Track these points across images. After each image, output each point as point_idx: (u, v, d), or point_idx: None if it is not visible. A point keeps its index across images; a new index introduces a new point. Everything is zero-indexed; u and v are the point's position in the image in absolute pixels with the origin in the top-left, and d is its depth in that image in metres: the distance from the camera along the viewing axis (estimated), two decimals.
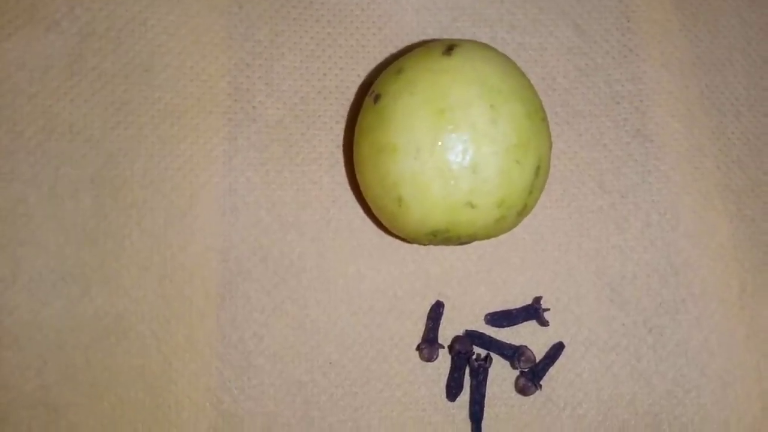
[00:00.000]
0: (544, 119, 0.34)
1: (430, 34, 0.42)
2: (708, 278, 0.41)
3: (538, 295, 0.40)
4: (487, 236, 0.35)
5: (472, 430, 0.38)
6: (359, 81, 0.41)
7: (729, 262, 0.41)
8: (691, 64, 0.43)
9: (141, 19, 0.41)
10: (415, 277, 0.40)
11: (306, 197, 0.40)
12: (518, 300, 0.40)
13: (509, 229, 0.35)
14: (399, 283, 0.40)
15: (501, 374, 0.39)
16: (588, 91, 0.43)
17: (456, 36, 0.42)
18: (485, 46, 0.34)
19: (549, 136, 0.34)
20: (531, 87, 0.34)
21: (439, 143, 0.31)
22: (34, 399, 0.37)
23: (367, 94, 0.36)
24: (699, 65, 0.43)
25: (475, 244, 0.40)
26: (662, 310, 0.40)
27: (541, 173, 0.33)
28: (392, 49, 0.42)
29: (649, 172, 0.42)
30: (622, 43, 0.43)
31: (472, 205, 0.32)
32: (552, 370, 0.39)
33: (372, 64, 0.42)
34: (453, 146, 0.31)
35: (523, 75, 0.34)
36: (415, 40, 0.42)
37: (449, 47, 0.34)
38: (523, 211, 0.34)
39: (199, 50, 0.41)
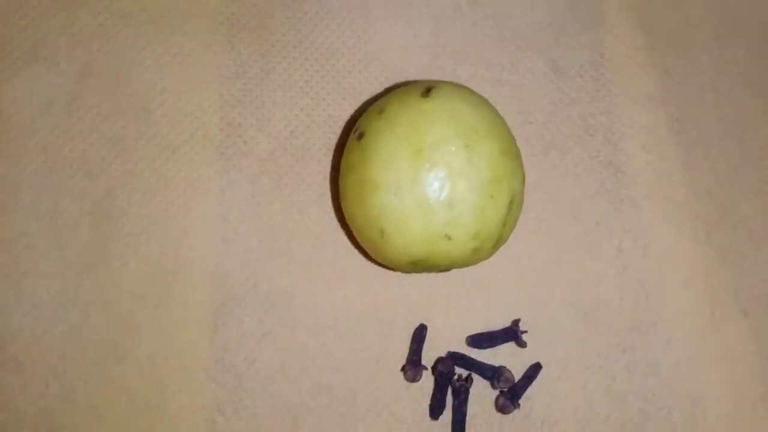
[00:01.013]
0: (518, 155, 0.36)
1: (413, 73, 0.44)
2: (678, 302, 0.42)
3: (516, 317, 0.41)
4: (465, 265, 0.37)
5: None
6: (346, 116, 0.43)
7: (699, 286, 0.43)
8: (661, 98, 0.45)
9: (137, 60, 0.43)
10: (399, 302, 0.41)
11: (295, 227, 0.42)
12: (498, 323, 0.41)
13: (485, 258, 0.37)
14: (384, 307, 0.41)
15: (482, 394, 0.40)
16: (562, 125, 0.44)
17: (437, 73, 0.44)
18: (461, 88, 0.36)
19: (522, 171, 0.36)
20: (505, 125, 0.36)
21: (418, 181, 0.33)
22: (37, 421, 0.38)
23: (352, 131, 0.38)
24: (670, 99, 0.45)
25: (456, 270, 0.41)
26: (635, 332, 0.42)
27: (514, 207, 0.35)
28: (377, 87, 0.44)
29: (621, 201, 0.44)
30: (595, 78, 0.45)
31: (449, 237, 0.34)
32: (530, 390, 0.40)
33: (358, 101, 0.43)
34: (430, 183, 0.33)
35: (497, 114, 0.36)
36: (399, 77, 0.44)
37: (427, 89, 0.36)
38: (498, 243, 0.36)
39: (193, 88, 0.42)
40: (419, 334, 0.41)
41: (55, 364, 0.39)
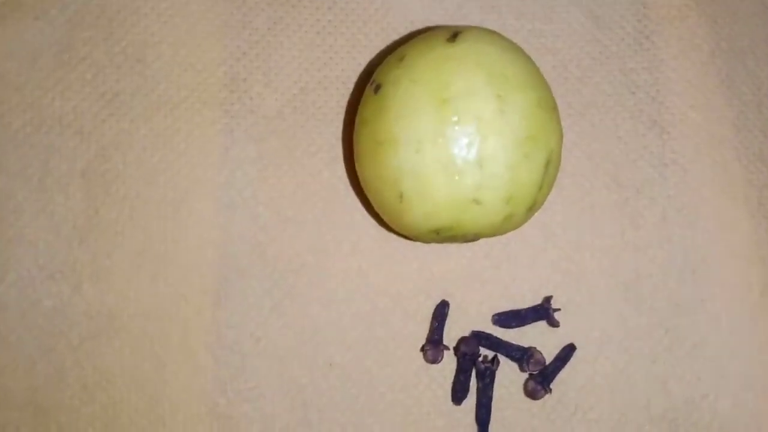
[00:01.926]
0: (555, 109, 0.32)
1: (435, 21, 0.40)
2: (727, 277, 0.39)
3: (548, 294, 0.39)
4: (494, 234, 0.33)
5: None
6: (360, 71, 0.40)
7: (750, 259, 0.39)
8: (710, 52, 0.41)
9: (133, 7, 0.39)
10: (418, 275, 0.38)
11: (305, 192, 0.39)
12: (527, 299, 0.38)
13: (517, 226, 0.33)
14: (402, 281, 0.38)
15: (509, 377, 0.38)
16: (602, 81, 0.41)
17: (462, 23, 0.40)
18: (492, 33, 0.33)
19: (560, 127, 0.32)
20: (540, 75, 0.32)
21: (443, 136, 0.30)
22: (23, 400, 0.36)
23: (368, 83, 0.34)
24: (719, 53, 0.42)
25: (482, 241, 0.38)
26: (679, 310, 0.39)
27: (551, 168, 0.32)
28: (395, 37, 0.40)
29: (665, 166, 0.40)
30: (638, 30, 0.41)
31: (477, 202, 0.30)
32: (562, 373, 0.38)
33: (374, 53, 0.40)
34: (457, 139, 0.30)
35: (531, 62, 0.32)
36: (419, 27, 0.40)
37: (454, 34, 0.32)
38: (533, 208, 0.32)
39: (194, 39, 0.39)
40: (441, 311, 0.38)
41: (44, 341, 0.36)
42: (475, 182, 0.30)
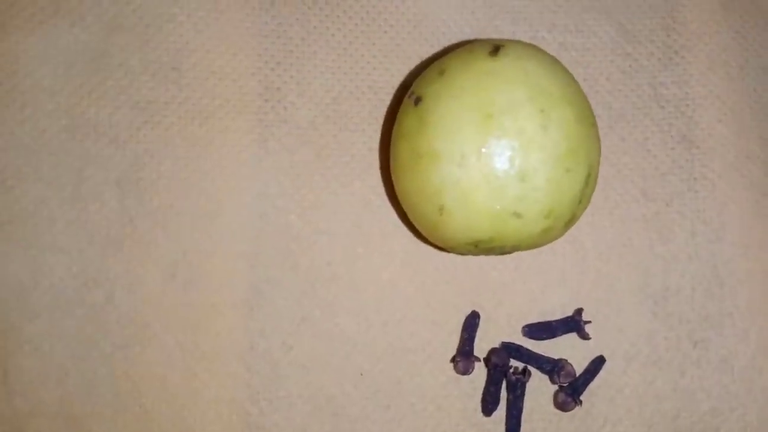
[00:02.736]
0: (594, 125, 0.32)
1: (468, 33, 0.40)
2: (756, 291, 0.39)
3: (576, 306, 0.38)
4: (531, 247, 0.33)
5: None
6: (394, 81, 0.40)
7: None
8: (739, 66, 0.41)
9: (169, 15, 0.39)
10: (449, 286, 0.38)
11: (338, 202, 0.39)
12: (556, 311, 0.38)
13: (554, 239, 0.33)
14: (433, 292, 0.38)
15: (539, 389, 0.38)
16: (631, 94, 0.41)
17: (495, 35, 0.40)
18: (533, 47, 0.33)
19: (599, 142, 0.33)
20: (581, 90, 0.32)
21: (486, 149, 0.30)
22: (55, 410, 0.36)
23: (406, 95, 0.34)
24: (748, 68, 0.42)
25: (513, 254, 0.38)
26: (707, 323, 0.39)
27: (590, 182, 0.32)
28: (428, 49, 0.40)
29: (695, 180, 0.40)
30: (667, 44, 0.41)
31: (518, 215, 0.30)
32: (592, 386, 0.38)
33: (407, 64, 0.40)
34: (500, 153, 0.30)
35: (572, 77, 0.33)
36: (452, 39, 0.40)
37: (495, 47, 0.32)
38: (571, 222, 0.32)
39: (229, 48, 0.39)
40: (471, 322, 0.38)
41: (76, 349, 0.36)
42: (517, 195, 0.30)
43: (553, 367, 0.37)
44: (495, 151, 0.30)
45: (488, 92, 0.30)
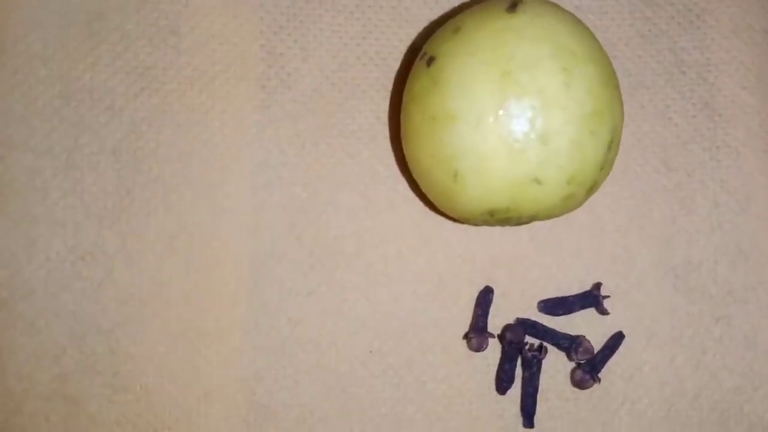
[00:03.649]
0: (617, 87, 0.31)
1: None
2: None
3: (594, 280, 0.37)
4: (550, 217, 0.32)
5: (523, 425, 0.36)
6: (403, 46, 0.38)
7: None
8: (763, 30, 0.40)
9: None
10: (462, 260, 0.37)
11: (344, 172, 0.37)
12: (574, 286, 0.37)
13: (574, 208, 0.32)
14: (445, 266, 0.37)
15: (555, 366, 0.36)
16: (651, 60, 0.39)
17: None
18: (552, 4, 0.31)
19: (622, 105, 0.31)
20: (603, 50, 0.31)
21: (504, 110, 0.28)
22: (52, 389, 0.35)
23: (418, 56, 0.33)
24: None
25: (528, 225, 0.37)
26: (731, 298, 0.37)
27: (614, 147, 0.30)
28: (439, 11, 0.38)
29: (717, 149, 0.38)
30: (688, 7, 0.40)
31: (538, 182, 0.29)
32: (610, 363, 0.36)
33: (417, 27, 0.38)
34: (520, 114, 0.28)
35: (593, 36, 0.31)
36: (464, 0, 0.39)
37: (513, 4, 0.30)
38: (592, 189, 0.31)
39: (230, 11, 0.37)
40: (485, 298, 0.37)
41: (73, 326, 0.35)
42: (538, 160, 0.28)
43: (570, 344, 0.36)
44: (514, 112, 0.28)
45: (506, 48, 0.28)
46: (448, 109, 0.29)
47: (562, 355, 0.37)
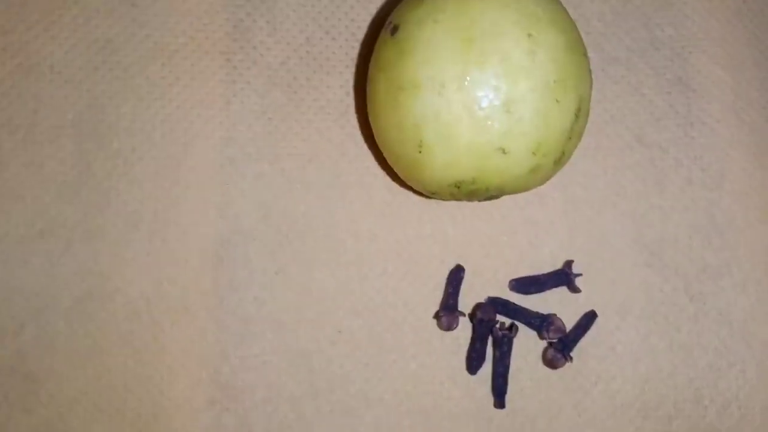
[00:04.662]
0: (585, 54, 0.30)
1: None
2: (755, 241, 0.37)
3: (568, 258, 0.37)
4: (518, 189, 0.31)
5: (494, 405, 0.36)
6: (371, 19, 0.38)
7: None
8: (737, 7, 0.40)
9: None
10: (433, 238, 0.37)
11: (312, 148, 0.37)
12: (547, 264, 0.37)
13: (543, 182, 0.31)
14: (415, 244, 0.36)
15: (527, 345, 0.36)
16: (625, 36, 0.39)
17: None
18: None
19: (590, 74, 0.30)
20: (570, 17, 0.30)
21: (468, 78, 0.28)
22: (10, 366, 0.34)
23: (383, 27, 0.32)
24: (746, 8, 0.40)
25: (499, 202, 0.36)
26: (705, 275, 0.37)
27: (581, 116, 0.30)
28: None
29: (691, 125, 0.38)
30: None
31: (504, 151, 0.28)
32: (583, 341, 0.36)
33: (385, 0, 0.38)
34: (484, 81, 0.28)
35: (561, 4, 0.30)
36: None
37: None
38: (561, 160, 0.30)
39: None
40: (455, 276, 0.36)
41: (32, 302, 0.34)
42: (502, 128, 0.28)
43: (541, 323, 0.36)
44: (477, 79, 0.27)
45: (470, 15, 0.28)
46: (412, 78, 0.29)
47: (533, 334, 0.36)
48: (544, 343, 0.36)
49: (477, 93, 0.28)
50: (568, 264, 0.37)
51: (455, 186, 0.30)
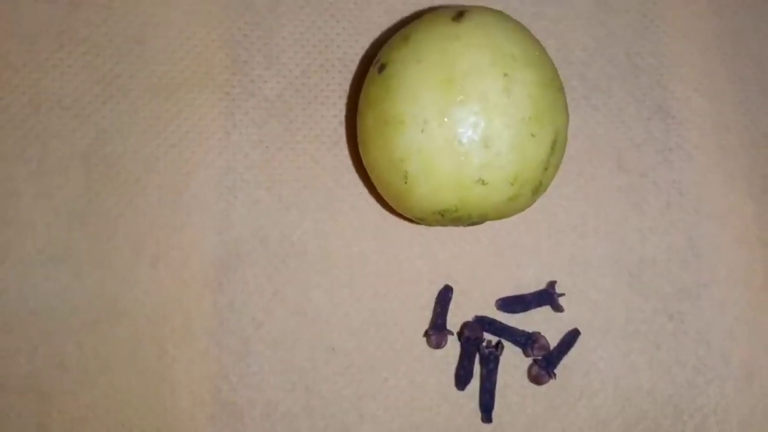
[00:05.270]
0: (561, 89, 0.32)
1: (438, 1, 0.40)
2: (732, 262, 0.39)
3: (552, 279, 0.38)
4: (499, 216, 0.33)
5: (482, 419, 0.37)
6: (363, 53, 0.39)
7: (754, 245, 0.39)
8: (714, 35, 0.41)
9: None
10: (422, 260, 0.38)
11: (307, 176, 0.38)
12: (531, 284, 0.38)
13: (523, 208, 0.33)
14: (405, 266, 0.38)
15: (513, 362, 0.37)
16: (606, 64, 0.40)
17: (467, 3, 0.40)
18: (498, 13, 0.32)
19: (566, 108, 0.32)
20: (547, 55, 0.32)
21: (448, 115, 0.29)
22: (24, 386, 0.35)
23: (372, 63, 0.34)
24: (723, 36, 0.41)
25: (485, 226, 0.38)
26: (683, 295, 0.38)
27: (557, 148, 0.31)
28: (398, 18, 0.40)
29: (670, 150, 0.40)
30: (642, 13, 0.41)
31: (483, 182, 0.30)
32: (567, 359, 0.37)
33: (376, 35, 0.39)
34: (463, 118, 0.29)
35: (537, 42, 0.32)
36: (421, 8, 0.40)
37: (459, 13, 0.31)
38: (538, 190, 0.32)
39: (195, 20, 0.39)
40: (444, 296, 0.37)
41: (44, 325, 0.36)
42: (481, 162, 0.30)
43: (526, 340, 0.37)
44: (457, 116, 0.29)
45: (450, 56, 0.30)
46: (398, 114, 0.30)
47: (519, 351, 0.37)
48: (529, 360, 0.37)
49: (457, 129, 0.29)
50: (552, 284, 0.38)
51: (440, 214, 0.32)
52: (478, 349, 0.37)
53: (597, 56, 0.40)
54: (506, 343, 0.37)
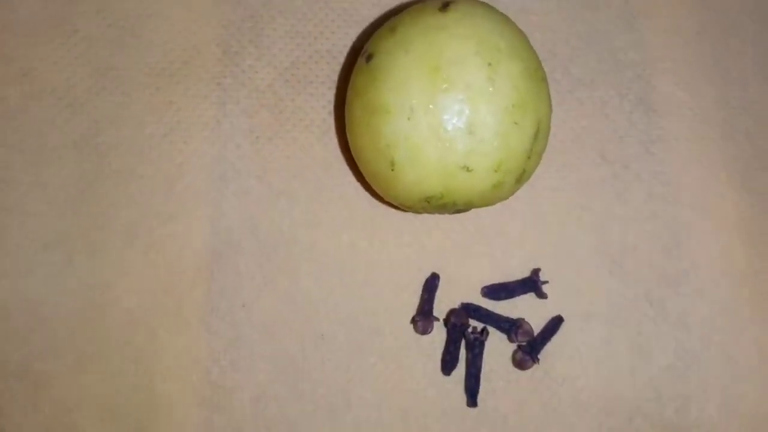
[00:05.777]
0: (544, 79, 0.33)
1: None
2: (711, 250, 0.39)
3: (536, 267, 0.39)
4: (484, 204, 0.34)
5: (467, 404, 0.37)
6: (351, 44, 0.40)
7: (733, 233, 0.40)
8: (696, 31, 0.42)
9: None
10: (409, 248, 0.39)
11: (297, 165, 0.39)
12: (516, 272, 0.39)
13: (507, 196, 0.34)
14: (393, 254, 0.38)
15: (498, 348, 0.38)
16: (590, 59, 0.41)
17: None
18: (484, 4, 0.33)
19: (549, 98, 0.33)
20: (530, 46, 0.33)
21: (434, 103, 0.30)
22: (18, 371, 0.36)
23: (360, 54, 0.35)
24: (705, 32, 0.42)
25: (471, 214, 0.39)
26: (664, 282, 0.39)
27: (540, 137, 0.32)
28: (386, 10, 0.40)
29: (652, 142, 0.40)
30: (626, 9, 0.42)
31: (468, 169, 0.31)
32: (550, 344, 0.38)
33: (364, 26, 0.40)
34: (448, 106, 0.30)
35: (521, 33, 0.33)
36: (410, 0, 0.41)
37: (445, 3, 0.32)
38: (522, 177, 0.33)
39: (188, 13, 0.39)
40: (431, 284, 0.38)
41: (38, 310, 0.36)
42: (465, 149, 0.30)
43: (511, 326, 0.38)
44: (442, 104, 0.30)
45: (436, 46, 0.31)
46: (384, 103, 0.31)
47: (503, 337, 0.38)
48: (513, 346, 0.38)
49: (443, 116, 0.30)
50: (536, 272, 0.39)
51: (425, 201, 0.33)
52: (463, 335, 0.38)
53: (581, 50, 0.41)
54: (491, 330, 0.38)
